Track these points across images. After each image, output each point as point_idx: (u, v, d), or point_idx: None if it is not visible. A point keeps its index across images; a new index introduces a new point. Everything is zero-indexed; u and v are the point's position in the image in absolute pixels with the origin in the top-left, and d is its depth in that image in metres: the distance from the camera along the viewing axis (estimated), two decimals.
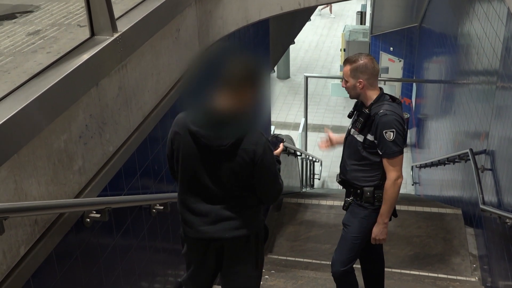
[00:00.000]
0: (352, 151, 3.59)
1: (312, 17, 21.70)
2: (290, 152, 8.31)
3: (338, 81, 14.19)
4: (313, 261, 6.10)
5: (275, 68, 16.44)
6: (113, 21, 3.03)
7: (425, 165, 10.08)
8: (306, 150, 12.17)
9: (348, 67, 3.46)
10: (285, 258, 6.32)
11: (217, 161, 2.66)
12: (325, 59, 18.87)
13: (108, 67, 2.98)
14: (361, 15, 18.08)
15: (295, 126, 14.13)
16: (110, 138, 3.07)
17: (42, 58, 2.81)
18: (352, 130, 3.57)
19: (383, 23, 14.61)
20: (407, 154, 13.71)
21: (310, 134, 13.14)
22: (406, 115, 13.61)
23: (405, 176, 12.63)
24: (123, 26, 3.15)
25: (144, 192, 3.56)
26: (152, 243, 3.80)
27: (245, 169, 2.66)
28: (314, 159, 10.63)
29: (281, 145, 3.06)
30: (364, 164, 3.53)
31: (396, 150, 3.38)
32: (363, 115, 3.45)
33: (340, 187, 3.88)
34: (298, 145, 12.48)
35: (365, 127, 3.45)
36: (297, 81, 17.18)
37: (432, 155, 10.05)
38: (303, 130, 12.38)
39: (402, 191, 11.53)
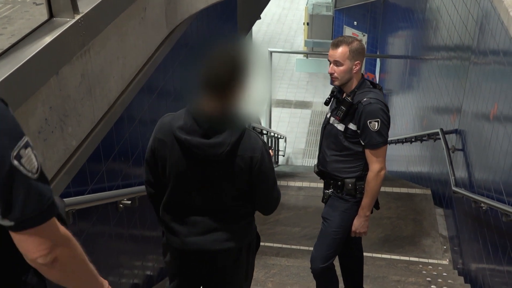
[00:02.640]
0: (331, 141, 3.37)
1: None
2: (263, 133, 8.09)
3: (301, 56, 13.98)
4: (284, 245, 5.94)
5: None
6: (74, 1, 2.71)
7: (391, 142, 10.01)
8: (270, 126, 11.95)
9: (346, 48, 3.16)
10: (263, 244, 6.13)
11: (210, 170, 2.36)
12: (287, 33, 18.55)
13: (69, 53, 2.67)
14: None
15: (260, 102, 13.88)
16: (73, 132, 2.78)
17: None
18: (332, 118, 3.35)
19: None
20: None
21: (274, 110, 12.91)
22: None
23: None
24: (85, 6, 2.83)
25: (110, 186, 3.27)
26: (119, 238, 3.54)
27: (242, 177, 2.39)
28: (278, 136, 10.42)
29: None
30: (346, 154, 3.33)
31: (380, 140, 3.19)
32: (345, 104, 3.23)
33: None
34: (263, 121, 12.27)
35: (347, 115, 3.23)
36: (262, 55, 16.87)
37: (398, 131, 9.96)
38: (267, 106, 12.14)
39: None
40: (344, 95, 3.28)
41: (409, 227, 6.36)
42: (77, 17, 2.71)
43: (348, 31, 14.56)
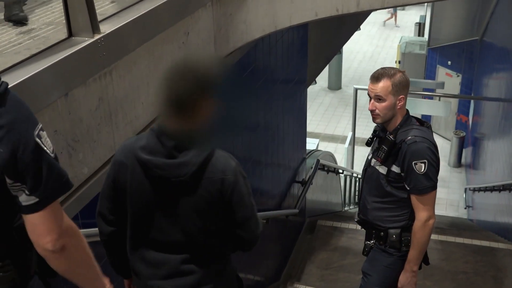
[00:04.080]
0: (373, 186, 2.99)
1: (368, 27, 21.00)
2: (330, 170, 7.71)
3: None
4: None
5: (315, 78, 15.75)
6: (94, 20, 2.54)
7: (479, 189, 9.32)
8: (352, 165, 11.49)
9: (388, 82, 2.80)
10: None
11: (176, 197, 2.02)
12: None
13: (84, 74, 2.49)
14: (419, 26, 17.21)
15: (343, 140, 13.44)
16: (85, 159, 2.58)
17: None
18: (373, 160, 2.97)
19: (442, 36, 13.76)
20: (461, 175, 12.85)
21: (358, 149, 12.43)
22: (461, 133, 12.77)
23: (458, 199, 11.93)
24: (109, 27, 2.66)
25: None
26: None
27: (213, 205, 2.02)
28: (356, 176, 9.95)
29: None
30: (389, 201, 2.93)
31: (428, 185, 2.78)
32: (387, 143, 2.85)
33: None
34: (344, 159, 11.83)
35: (390, 156, 2.84)
36: (349, 93, 16.40)
37: (488, 178, 9.28)
38: (350, 144, 11.70)
39: (453, 214, 10.85)
40: (387, 133, 2.90)
41: (488, 285, 5.72)
42: (97, 37, 2.54)
43: (442, 71, 13.91)
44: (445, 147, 13.46)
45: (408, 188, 2.83)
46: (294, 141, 6.32)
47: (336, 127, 14.89)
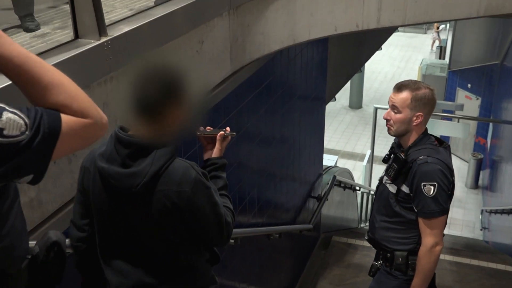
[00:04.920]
0: (382, 204, 2.76)
1: (391, 49, 20.72)
2: (347, 186, 7.44)
3: None
4: None
5: (335, 95, 15.49)
6: (101, 22, 2.37)
7: (496, 211, 8.98)
8: (370, 182, 11.19)
9: (409, 94, 2.58)
10: None
11: (131, 209, 1.81)
12: None
13: (88, 78, 2.31)
14: (441, 49, 16.92)
15: (362, 157, 13.16)
16: None
17: None
18: (385, 178, 2.74)
19: (462, 59, 13.45)
20: (477, 196, 12.45)
21: (376, 167, 12.13)
22: (479, 156, 12.40)
23: (474, 220, 11.54)
24: (118, 30, 2.48)
25: None
26: None
27: (169, 218, 1.80)
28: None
29: (228, 138, 2.18)
30: (397, 222, 2.69)
31: (436, 209, 2.53)
32: (398, 161, 2.61)
33: None
34: (362, 177, 11.55)
35: (400, 175, 2.60)
36: (369, 112, 16.13)
37: (505, 200, 8.95)
38: (368, 162, 11.42)
39: (469, 235, 10.47)
40: (399, 151, 2.67)
41: None
42: (103, 39, 2.36)
43: (461, 93, 13.59)
44: (462, 168, 13.10)
45: (416, 210, 2.60)
46: (311, 156, 6.09)
47: (355, 145, 14.62)
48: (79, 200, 1.97)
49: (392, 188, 2.66)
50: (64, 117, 1.21)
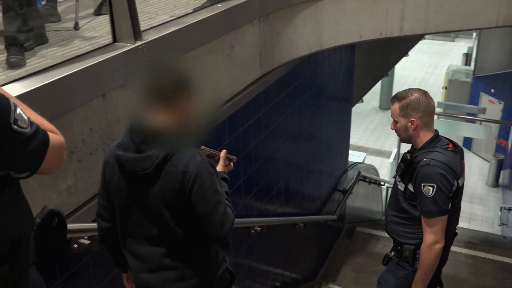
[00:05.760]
0: (393, 200, 2.68)
1: (420, 55, 20.23)
2: (371, 181, 7.29)
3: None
4: None
5: (362, 97, 15.22)
6: (136, 28, 2.36)
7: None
8: None
9: (397, 105, 2.53)
10: None
11: (145, 190, 1.80)
12: None
13: (123, 78, 2.30)
14: (467, 56, 16.37)
15: (389, 155, 12.89)
16: None
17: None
18: (398, 176, 2.65)
19: (487, 65, 12.99)
20: (497, 194, 12.03)
21: None
22: (500, 156, 11.98)
23: (493, 216, 11.16)
24: (152, 35, 2.47)
25: None
26: None
27: (176, 198, 1.77)
28: None
29: (230, 163, 2.12)
30: (404, 217, 2.60)
31: (434, 209, 2.42)
32: (404, 161, 2.53)
33: None
34: (388, 173, 11.33)
35: (407, 174, 2.52)
36: None
37: None
38: (394, 159, 11.18)
39: (488, 230, 10.14)
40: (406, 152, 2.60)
41: None
42: (138, 43, 2.35)
43: (485, 98, 13.14)
44: (484, 167, 12.70)
45: (418, 208, 2.50)
46: (337, 152, 5.98)
47: (384, 143, 14.33)
48: (102, 194, 1.96)
49: (401, 186, 2.58)
50: (49, 133, 1.31)
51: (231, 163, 2.10)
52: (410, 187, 2.50)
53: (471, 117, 11.92)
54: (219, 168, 2.02)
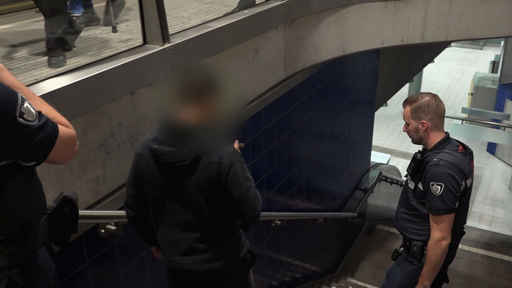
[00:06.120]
0: (403, 198, 2.65)
1: (448, 62, 19.77)
2: (393, 181, 7.18)
3: (458, 122, 12.50)
4: None
5: (386, 101, 14.90)
6: (164, 31, 2.39)
7: None
8: None
9: (408, 108, 2.53)
10: (364, 284, 5.30)
11: (181, 180, 1.89)
12: (453, 100, 16.90)
13: (151, 77, 2.34)
14: (493, 64, 15.93)
15: None
16: None
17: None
18: (408, 175, 2.61)
19: None
20: None
21: None
22: None
23: None
24: (179, 38, 2.50)
25: None
26: None
27: (212, 185, 1.87)
28: None
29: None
30: (413, 214, 2.56)
31: (441, 207, 2.39)
32: (415, 160, 2.51)
33: None
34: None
35: (417, 173, 2.49)
36: None
37: None
38: None
39: (509, 233, 9.85)
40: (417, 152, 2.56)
41: None
42: (166, 45, 2.38)
43: (510, 104, 12.74)
44: (507, 172, 12.33)
45: (427, 206, 2.46)
46: (360, 153, 5.92)
47: (409, 146, 14.08)
48: (131, 184, 2.02)
49: (411, 185, 2.55)
50: (60, 126, 1.32)
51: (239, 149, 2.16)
52: (420, 186, 2.47)
53: (496, 123, 11.61)
54: None
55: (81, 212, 2.06)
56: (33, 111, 1.23)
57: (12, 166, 1.23)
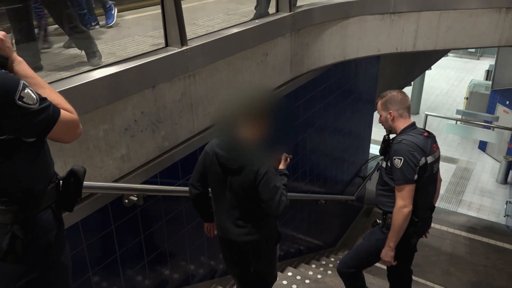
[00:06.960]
0: (379, 176, 2.62)
1: (448, 70, 19.24)
2: None
3: (452, 122, 12.17)
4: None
5: None
6: (183, 35, 2.41)
7: None
8: None
9: (379, 102, 2.55)
10: None
11: (232, 177, 2.18)
12: (451, 103, 16.44)
13: (169, 74, 2.37)
14: (488, 72, 15.43)
15: None
16: (167, 135, 2.46)
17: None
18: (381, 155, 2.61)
19: (504, 81, 12.17)
20: (505, 190, 11.32)
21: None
22: (510, 158, 11.27)
23: (500, 209, 10.51)
24: (196, 42, 2.52)
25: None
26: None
27: (250, 185, 2.14)
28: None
29: (287, 159, 2.40)
30: (387, 189, 2.54)
31: (401, 178, 2.37)
32: (384, 141, 2.49)
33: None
34: None
35: (386, 152, 2.49)
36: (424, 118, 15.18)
37: None
38: None
39: (493, 219, 9.57)
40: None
41: (502, 280, 4.91)
42: (184, 48, 2.41)
43: (500, 108, 12.36)
44: (495, 167, 11.99)
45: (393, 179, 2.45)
46: (360, 146, 5.85)
47: None
48: (199, 170, 2.29)
49: (383, 164, 2.54)
50: (62, 110, 1.32)
51: (288, 159, 2.40)
52: (389, 163, 2.46)
53: (487, 124, 11.29)
54: (281, 166, 2.35)
55: (108, 184, 2.13)
56: (34, 96, 1.23)
57: (15, 140, 1.26)
